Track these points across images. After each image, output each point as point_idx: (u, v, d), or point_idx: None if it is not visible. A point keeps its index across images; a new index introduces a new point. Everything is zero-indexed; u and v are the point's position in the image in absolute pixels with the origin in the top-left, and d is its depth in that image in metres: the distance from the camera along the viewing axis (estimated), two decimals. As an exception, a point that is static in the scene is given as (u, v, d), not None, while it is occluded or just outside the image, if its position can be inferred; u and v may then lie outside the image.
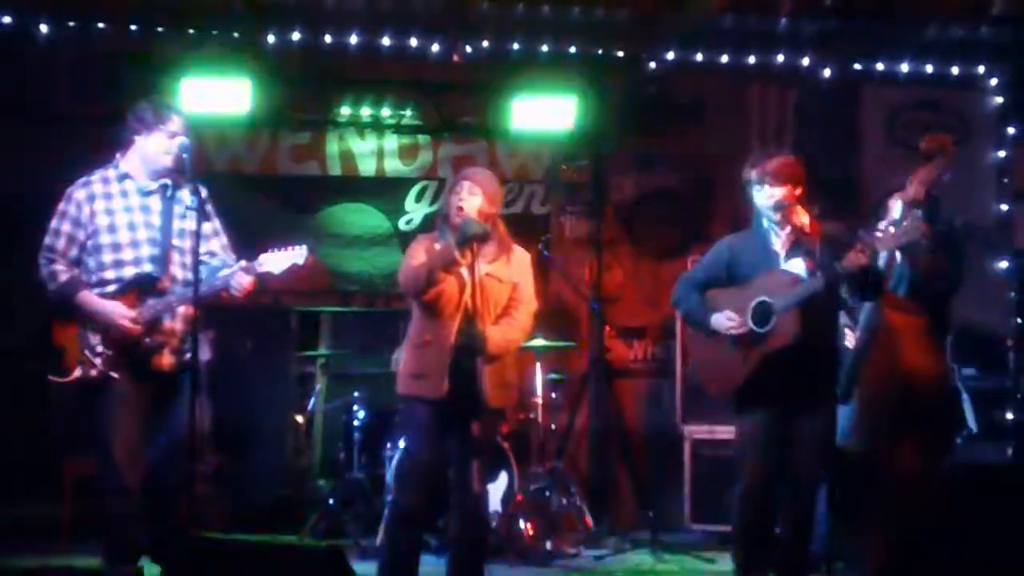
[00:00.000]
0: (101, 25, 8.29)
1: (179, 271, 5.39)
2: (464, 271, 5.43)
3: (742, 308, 5.49)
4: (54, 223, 5.44)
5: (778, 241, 5.59)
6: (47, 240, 5.43)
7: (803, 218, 5.58)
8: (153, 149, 5.42)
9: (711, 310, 5.63)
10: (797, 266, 5.48)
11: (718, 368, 5.70)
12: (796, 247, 5.52)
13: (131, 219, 5.42)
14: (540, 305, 5.87)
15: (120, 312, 5.28)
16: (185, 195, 5.46)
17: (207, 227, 5.47)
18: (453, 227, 5.47)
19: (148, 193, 5.46)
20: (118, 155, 5.53)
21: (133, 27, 8.32)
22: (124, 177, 5.48)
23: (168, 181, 5.43)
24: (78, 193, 5.45)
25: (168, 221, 5.44)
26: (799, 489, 5.57)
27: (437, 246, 5.50)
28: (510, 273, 5.61)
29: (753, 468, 5.58)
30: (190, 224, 5.38)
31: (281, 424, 8.75)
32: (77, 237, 5.41)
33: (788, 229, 5.55)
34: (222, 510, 7.70)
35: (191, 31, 8.38)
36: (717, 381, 5.78)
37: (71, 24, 8.27)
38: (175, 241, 5.40)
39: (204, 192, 5.46)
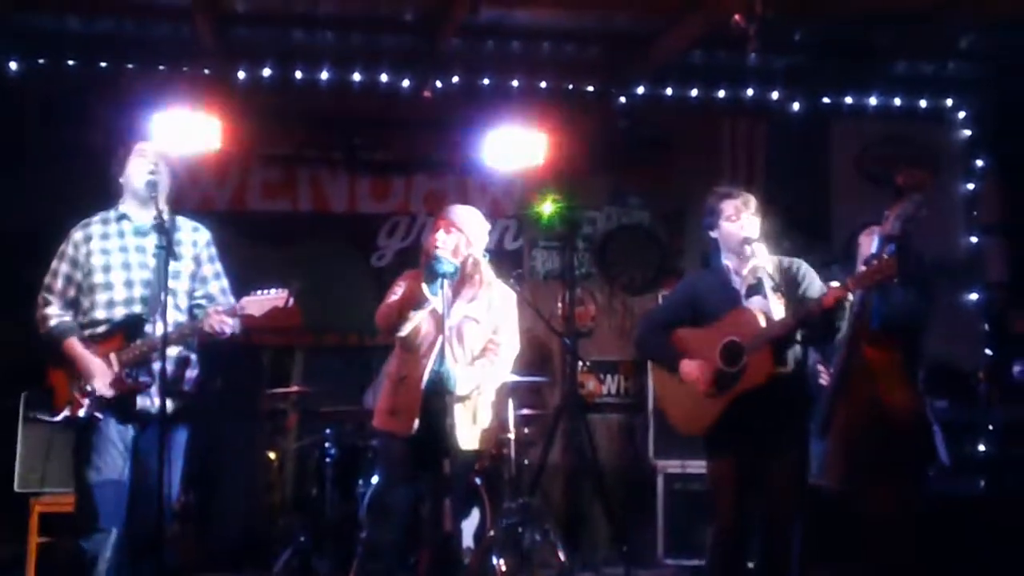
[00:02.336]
0: (71, 62, 8.30)
1: (171, 312, 5.34)
2: (440, 310, 5.41)
3: (711, 349, 5.41)
4: (54, 263, 5.43)
5: (737, 279, 5.54)
6: (46, 280, 5.42)
7: (763, 256, 5.48)
8: (131, 177, 5.41)
9: (681, 353, 5.54)
10: (758, 304, 5.41)
11: (688, 407, 5.59)
12: (757, 285, 5.44)
13: (126, 259, 5.39)
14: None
15: (99, 371, 5.24)
16: (183, 236, 5.49)
17: (207, 270, 5.52)
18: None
19: (144, 233, 5.43)
20: (121, 197, 5.51)
21: (103, 64, 8.32)
22: (122, 218, 5.46)
23: (164, 220, 5.37)
24: (77, 234, 5.44)
25: (162, 262, 5.40)
26: (776, 530, 5.45)
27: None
28: (490, 314, 5.59)
29: (727, 509, 5.49)
30: (186, 266, 5.43)
31: (252, 461, 8.67)
32: (74, 277, 5.39)
33: (748, 267, 5.48)
34: (192, 548, 7.62)
35: (161, 67, 8.38)
36: (687, 420, 5.68)
37: (41, 61, 8.27)
38: (169, 283, 5.36)
39: (207, 235, 5.55)
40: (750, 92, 9.05)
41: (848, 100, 9.23)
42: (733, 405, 5.37)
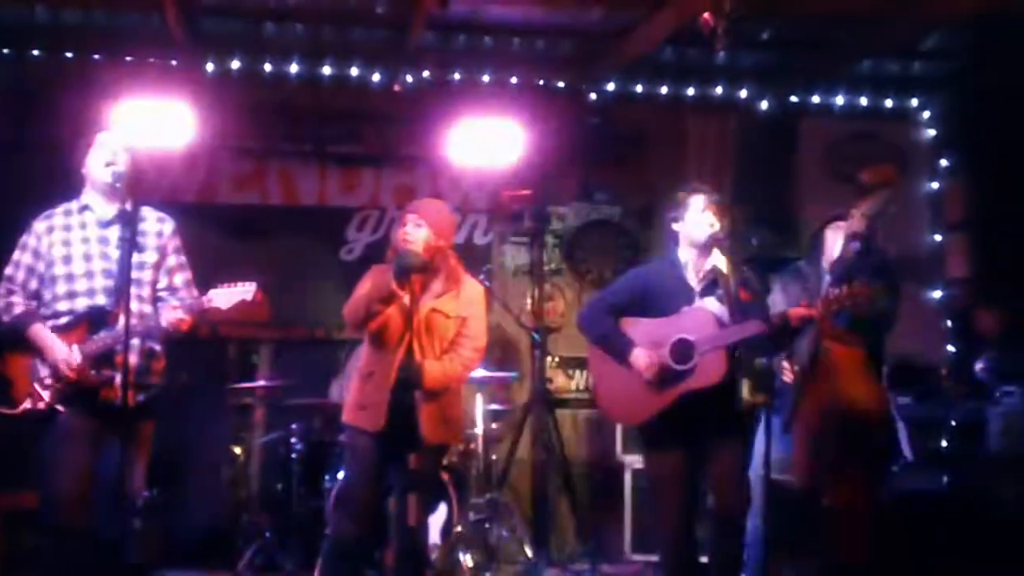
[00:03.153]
0: (36, 52, 8.24)
1: (135, 304, 5.30)
2: (409, 304, 5.41)
3: (660, 343, 5.39)
4: (16, 254, 5.38)
5: (694, 277, 5.53)
6: (8, 271, 5.38)
7: (722, 258, 5.47)
8: (91, 168, 5.37)
9: (631, 341, 5.49)
10: (712, 304, 5.42)
11: (626, 397, 5.53)
12: (712, 285, 5.46)
13: (87, 250, 5.35)
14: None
15: (61, 354, 5.19)
16: (148, 227, 5.44)
17: (171, 261, 5.47)
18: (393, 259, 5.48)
19: (107, 224, 5.38)
20: (83, 188, 5.46)
21: (70, 54, 8.27)
22: (84, 208, 5.42)
23: (127, 208, 5.33)
24: (39, 224, 5.40)
25: (126, 253, 5.37)
26: (727, 528, 5.46)
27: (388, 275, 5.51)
28: (458, 308, 5.58)
29: (674, 508, 5.48)
30: (151, 257, 5.39)
31: (218, 456, 8.64)
32: (36, 268, 5.35)
33: (707, 266, 5.49)
34: (156, 544, 7.58)
35: (129, 59, 8.34)
36: (623, 410, 5.69)
37: (6, 51, 8.21)
38: (134, 274, 5.32)
39: (172, 225, 5.50)
40: (719, 90, 9.09)
41: (815, 99, 9.29)
42: (680, 402, 5.35)
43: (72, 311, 5.28)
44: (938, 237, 9.43)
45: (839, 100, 9.27)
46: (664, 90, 9.04)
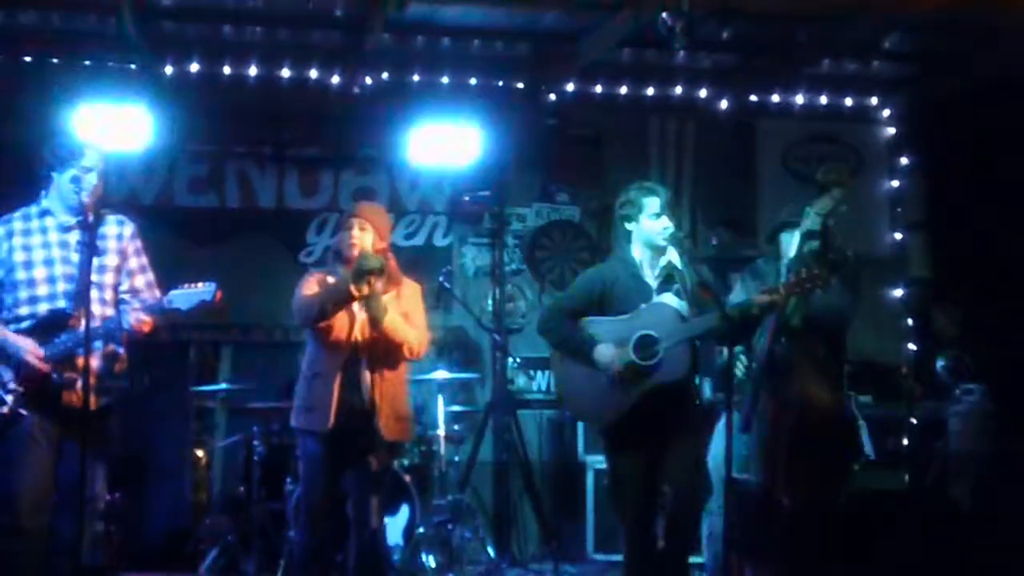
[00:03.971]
0: (-6, 55, 8.20)
1: (97, 307, 5.28)
2: (355, 305, 5.47)
3: (623, 340, 5.39)
4: None
5: (650, 273, 5.55)
6: None
7: (675, 255, 5.52)
8: (67, 185, 5.33)
9: (592, 339, 5.48)
10: (671, 299, 5.44)
11: (593, 398, 5.53)
12: (669, 281, 5.49)
13: (48, 255, 5.32)
14: (441, 337, 5.87)
15: (28, 348, 5.16)
16: (108, 230, 5.41)
17: (132, 263, 5.45)
18: (348, 261, 5.54)
19: (67, 229, 5.36)
20: (42, 192, 5.42)
21: (27, 58, 8.21)
22: (44, 213, 5.39)
23: (89, 216, 5.31)
24: None
25: (87, 257, 5.34)
26: (679, 522, 5.44)
27: (331, 279, 5.54)
28: (400, 306, 5.65)
29: (638, 504, 5.47)
30: (111, 260, 5.37)
31: (179, 459, 8.61)
32: None
33: (662, 262, 5.52)
34: (117, 547, 7.54)
35: (87, 62, 8.29)
36: (594, 411, 5.67)
37: (-36, 54, 8.16)
38: (94, 277, 5.29)
39: (132, 228, 5.48)
40: (678, 90, 9.10)
41: (774, 99, 9.31)
42: (645, 399, 5.36)
43: (34, 315, 5.25)
44: (899, 236, 9.47)
45: (798, 100, 9.30)
46: (623, 91, 9.05)
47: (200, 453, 8.60)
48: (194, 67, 8.37)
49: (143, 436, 8.14)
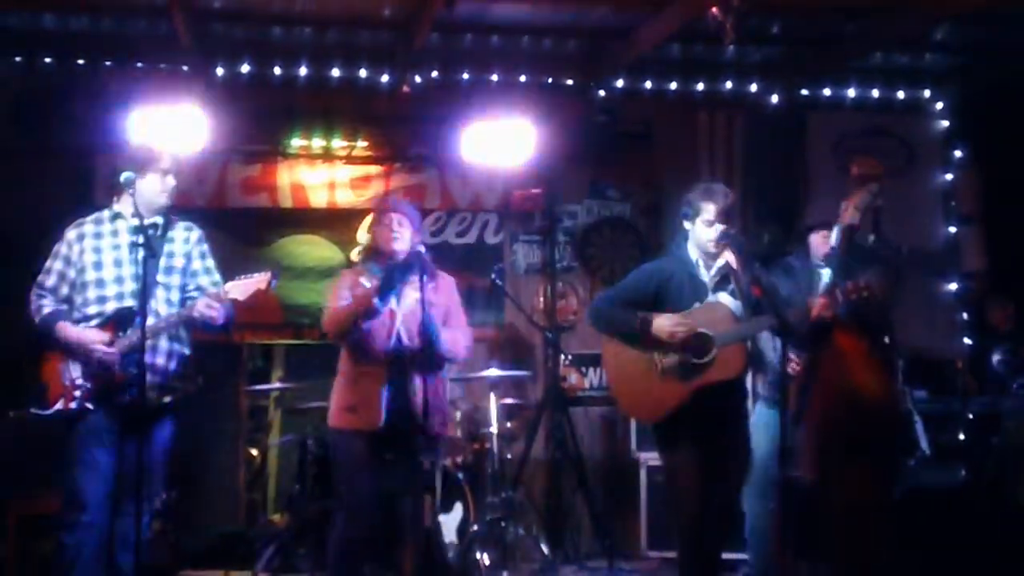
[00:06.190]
0: (47, 60, 8.27)
1: (163, 307, 5.45)
2: (393, 301, 5.61)
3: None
4: (48, 262, 5.53)
5: (706, 272, 5.54)
6: (40, 277, 5.52)
7: (732, 255, 5.46)
8: (149, 189, 5.46)
9: (648, 314, 5.43)
10: (727, 299, 5.45)
11: (643, 392, 5.54)
12: (724, 281, 5.48)
13: (117, 256, 5.49)
14: (493, 335, 5.90)
15: (95, 338, 5.32)
16: (176, 234, 5.59)
17: (197, 265, 5.62)
18: (388, 255, 5.68)
19: (138, 231, 5.45)
20: (114, 198, 5.58)
21: (80, 61, 8.30)
22: (116, 217, 5.56)
23: (159, 219, 5.46)
24: (70, 233, 5.55)
25: (155, 258, 5.44)
26: (724, 523, 5.53)
27: (363, 280, 5.60)
28: (438, 299, 5.74)
29: (696, 498, 5.43)
30: (178, 262, 5.54)
31: (233, 458, 8.67)
32: (67, 275, 5.49)
33: (719, 263, 5.49)
34: (173, 546, 7.61)
35: (139, 65, 8.36)
36: (643, 406, 5.68)
37: (16, 59, 8.24)
38: (160, 277, 5.45)
39: (199, 233, 5.66)
40: (728, 85, 9.08)
41: (826, 92, 9.26)
42: (698, 396, 5.36)
43: (101, 313, 5.42)
44: (952, 229, 9.39)
45: (850, 93, 9.24)
46: (673, 86, 9.04)
47: (255, 452, 8.66)
48: (244, 68, 8.43)
49: (198, 435, 8.19)
